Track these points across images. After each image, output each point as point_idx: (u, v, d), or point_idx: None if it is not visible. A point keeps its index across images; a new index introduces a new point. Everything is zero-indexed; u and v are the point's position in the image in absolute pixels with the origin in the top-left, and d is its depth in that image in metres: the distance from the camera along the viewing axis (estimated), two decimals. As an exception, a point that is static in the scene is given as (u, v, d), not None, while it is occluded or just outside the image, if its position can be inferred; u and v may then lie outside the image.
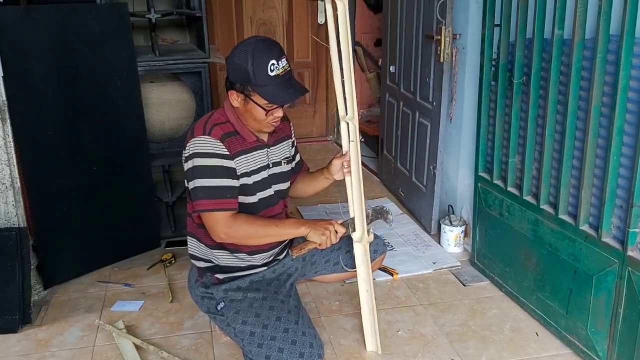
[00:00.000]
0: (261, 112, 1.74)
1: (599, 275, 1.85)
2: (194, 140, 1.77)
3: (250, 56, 1.66)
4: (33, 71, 2.28)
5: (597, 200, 1.86)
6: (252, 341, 1.82)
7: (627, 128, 1.69)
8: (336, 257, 2.19)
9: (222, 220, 1.76)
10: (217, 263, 1.96)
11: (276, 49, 1.70)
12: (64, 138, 2.42)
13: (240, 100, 1.75)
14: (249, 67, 1.67)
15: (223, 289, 1.95)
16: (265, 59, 1.66)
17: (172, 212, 2.99)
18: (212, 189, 1.75)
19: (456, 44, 2.67)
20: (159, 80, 2.96)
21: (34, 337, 2.16)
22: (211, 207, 1.75)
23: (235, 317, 1.88)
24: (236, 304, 1.90)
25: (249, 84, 1.70)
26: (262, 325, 1.82)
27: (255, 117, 1.77)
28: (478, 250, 2.59)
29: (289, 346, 1.78)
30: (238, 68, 1.70)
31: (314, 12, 4.50)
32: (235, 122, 1.82)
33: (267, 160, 1.91)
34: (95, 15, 2.43)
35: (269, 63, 1.66)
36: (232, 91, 1.75)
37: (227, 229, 1.76)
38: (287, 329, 1.81)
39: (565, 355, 2.03)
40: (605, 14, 1.68)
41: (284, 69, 1.70)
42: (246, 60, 1.67)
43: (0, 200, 2.24)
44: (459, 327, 2.20)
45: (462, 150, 2.75)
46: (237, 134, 1.81)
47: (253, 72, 1.67)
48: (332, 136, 4.85)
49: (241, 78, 1.70)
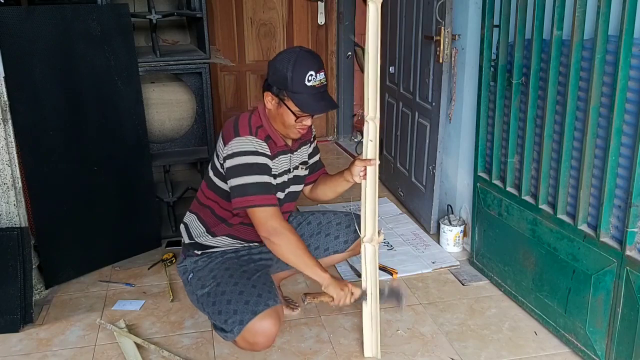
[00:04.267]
0: (291, 118, 1.80)
1: (597, 275, 1.86)
2: (240, 139, 1.82)
3: (292, 63, 1.73)
4: (34, 72, 2.29)
5: (595, 200, 1.87)
6: (209, 301, 1.89)
7: (626, 128, 1.70)
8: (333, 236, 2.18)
9: (271, 216, 1.81)
10: (205, 243, 2.03)
11: (317, 62, 1.77)
12: (65, 138, 2.43)
13: (274, 103, 1.81)
14: (288, 72, 1.73)
15: (194, 261, 2.03)
16: (304, 68, 1.73)
17: (172, 212, 3.00)
18: (265, 185, 1.82)
19: (455, 45, 2.68)
20: (160, 81, 2.97)
21: (35, 336, 2.17)
22: (265, 202, 1.81)
23: (197, 284, 1.96)
24: (200, 272, 1.99)
25: (285, 88, 1.76)
26: (216, 283, 1.90)
27: (284, 122, 1.82)
28: (477, 250, 2.59)
29: (236, 296, 1.83)
30: (278, 72, 1.76)
31: (314, 13, 4.51)
32: (267, 126, 1.87)
33: (289, 164, 1.97)
34: (96, 15, 2.43)
35: (308, 73, 1.73)
36: (268, 92, 1.81)
37: (276, 225, 1.81)
38: (237, 283, 1.87)
39: (563, 354, 2.04)
40: (604, 14, 1.69)
41: (321, 82, 1.77)
42: (287, 66, 1.74)
43: (2, 200, 2.25)
44: (458, 326, 2.21)
45: (461, 150, 2.76)
46: (270, 138, 1.87)
47: (291, 78, 1.73)
48: (332, 136, 4.86)
49: (279, 82, 1.77)
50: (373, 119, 1.78)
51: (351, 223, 2.13)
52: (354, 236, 2.11)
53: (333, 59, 4.63)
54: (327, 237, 2.15)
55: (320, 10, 4.49)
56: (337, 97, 4.74)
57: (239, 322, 1.79)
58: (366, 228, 1.87)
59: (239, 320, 1.79)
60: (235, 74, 4.53)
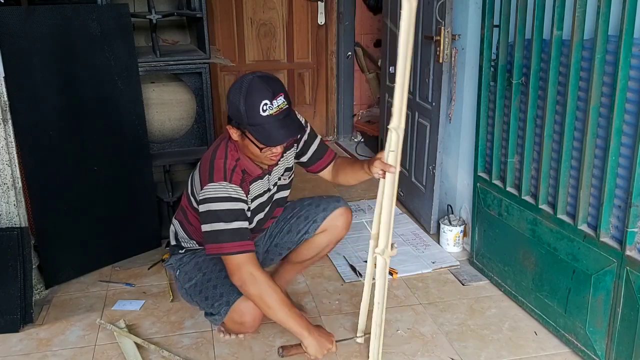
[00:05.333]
0: (257, 150, 1.74)
1: (597, 275, 1.86)
2: (214, 185, 1.76)
3: (243, 95, 1.65)
4: (34, 71, 2.29)
5: (595, 200, 1.87)
6: (196, 291, 1.94)
7: (626, 128, 1.70)
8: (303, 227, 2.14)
9: (245, 263, 1.75)
10: (190, 246, 2.09)
11: (272, 88, 1.66)
12: (65, 138, 2.43)
13: (237, 135, 1.76)
14: (241, 106, 1.66)
15: (179, 258, 2.08)
16: (257, 98, 1.63)
17: (172, 212, 3.00)
18: (238, 231, 1.76)
19: (455, 45, 2.68)
20: (160, 81, 2.97)
21: (35, 336, 2.17)
22: (239, 250, 1.75)
23: (184, 278, 2.01)
24: (185, 267, 2.04)
25: (242, 122, 1.69)
26: (202, 274, 1.96)
27: (253, 152, 1.78)
28: (477, 250, 2.60)
29: (221, 281, 1.86)
30: (232, 105, 1.69)
31: (314, 13, 4.51)
32: (242, 157, 1.83)
33: (267, 184, 1.95)
34: (96, 15, 2.43)
35: (262, 103, 1.63)
36: (229, 126, 1.76)
37: (250, 273, 1.75)
38: (222, 269, 1.89)
39: (563, 354, 2.04)
40: (604, 14, 1.69)
41: (279, 108, 1.66)
42: (239, 99, 1.66)
43: (2, 200, 2.25)
44: (458, 326, 2.21)
45: (461, 150, 2.76)
46: (246, 172, 1.84)
47: (245, 111, 1.66)
48: (332, 136, 4.86)
49: (235, 115, 1.70)
50: (396, 128, 1.68)
51: (322, 202, 2.10)
52: (323, 215, 2.08)
53: (333, 59, 4.63)
54: (298, 219, 2.12)
55: (320, 10, 4.49)
56: (337, 97, 4.74)
57: (225, 303, 1.85)
58: (379, 240, 1.82)
59: (226, 301, 1.85)
60: (235, 74, 4.53)
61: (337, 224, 2.10)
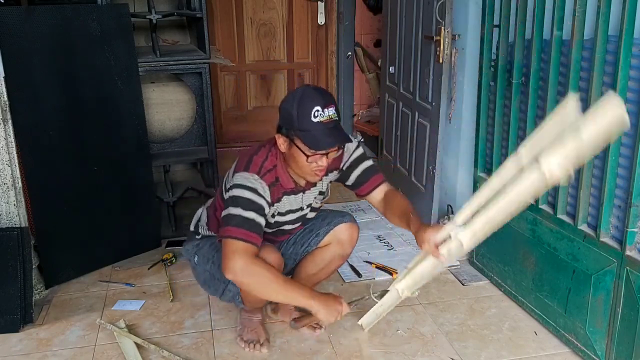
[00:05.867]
0: (303, 158, 1.74)
1: (597, 275, 1.86)
2: (245, 174, 1.79)
3: (296, 101, 1.69)
4: (34, 71, 2.29)
5: (595, 200, 1.87)
6: (215, 266, 1.93)
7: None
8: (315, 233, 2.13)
9: (242, 252, 1.72)
10: (206, 234, 2.09)
11: (324, 98, 1.70)
12: (65, 138, 2.43)
13: (285, 144, 1.77)
14: (293, 110, 1.69)
15: (195, 244, 2.07)
16: (310, 104, 1.68)
17: (172, 212, 3.00)
18: (251, 222, 1.76)
19: (455, 45, 2.68)
20: (160, 81, 2.97)
21: (35, 336, 2.17)
22: (242, 237, 1.73)
23: (203, 260, 2.02)
24: (202, 250, 2.04)
25: (292, 127, 1.71)
26: (217, 250, 1.94)
27: (298, 163, 1.77)
28: (477, 250, 2.59)
29: None
30: (285, 111, 1.73)
31: (314, 13, 4.51)
32: (280, 167, 1.84)
33: (300, 203, 1.95)
34: (96, 15, 2.43)
35: (314, 109, 1.67)
36: (279, 134, 1.78)
37: (243, 264, 1.71)
38: None
39: (563, 354, 2.04)
40: (604, 14, 1.69)
41: (329, 118, 1.69)
42: (292, 104, 1.70)
43: (2, 200, 2.25)
44: (458, 326, 2.21)
45: (461, 150, 2.76)
46: (278, 180, 1.85)
47: (297, 115, 1.69)
48: (332, 136, 4.85)
49: (286, 122, 1.73)
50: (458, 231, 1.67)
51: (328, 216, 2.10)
52: (326, 229, 2.07)
53: (333, 59, 4.63)
54: (304, 232, 2.11)
55: (320, 10, 4.49)
56: (337, 97, 4.73)
57: None
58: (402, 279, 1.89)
59: None
60: (235, 74, 4.53)
61: (341, 238, 2.07)
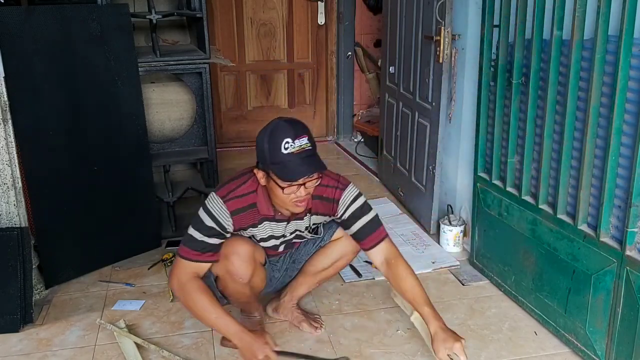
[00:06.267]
0: (279, 190, 1.75)
1: (597, 275, 1.86)
2: (213, 194, 1.83)
3: (267, 135, 1.71)
4: (34, 71, 2.29)
5: (595, 200, 1.87)
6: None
7: (626, 128, 1.70)
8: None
9: (183, 271, 1.82)
10: None
11: (294, 129, 1.70)
12: (65, 138, 2.43)
13: (263, 179, 1.79)
14: (265, 144, 1.71)
15: None
16: (280, 137, 1.68)
17: (172, 212, 3.00)
18: (201, 244, 1.82)
19: (455, 45, 2.68)
20: (160, 81, 2.97)
21: (35, 336, 2.17)
22: (190, 257, 1.82)
23: None
24: None
25: (266, 161, 1.73)
26: None
27: (277, 196, 1.78)
28: (477, 250, 2.60)
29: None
30: (258, 146, 1.75)
31: (314, 13, 4.51)
32: (260, 193, 1.85)
33: (283, 230, 1.96)
34: (96, 15, 2.43)
35: (283, 141, 1.67)
36: (257, 169, 1.80)
37: (180, 283, 1.82)
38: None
39: (563, 354, 2.04)
40: (604, 14, 1.69)
41: (301, 148, 1.69)
42: (264, 139, 1.71)
43: (2, 200, 2.25)
44: (458, 326, 2.20)
45: (461, 150, 2.76)
46: (253, 206, 1.86)
47: (268, 149, 1.70)
48: (332, 136, 4.86)
49: (261, 156, 1.75)
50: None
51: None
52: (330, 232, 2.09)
53: (333, 59, 4.63)
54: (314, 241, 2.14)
55: (320, 10, 4.49)
56: (337, 97, 4.74)
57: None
58: None
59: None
60: (235, 74, 4.53)
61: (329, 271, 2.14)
